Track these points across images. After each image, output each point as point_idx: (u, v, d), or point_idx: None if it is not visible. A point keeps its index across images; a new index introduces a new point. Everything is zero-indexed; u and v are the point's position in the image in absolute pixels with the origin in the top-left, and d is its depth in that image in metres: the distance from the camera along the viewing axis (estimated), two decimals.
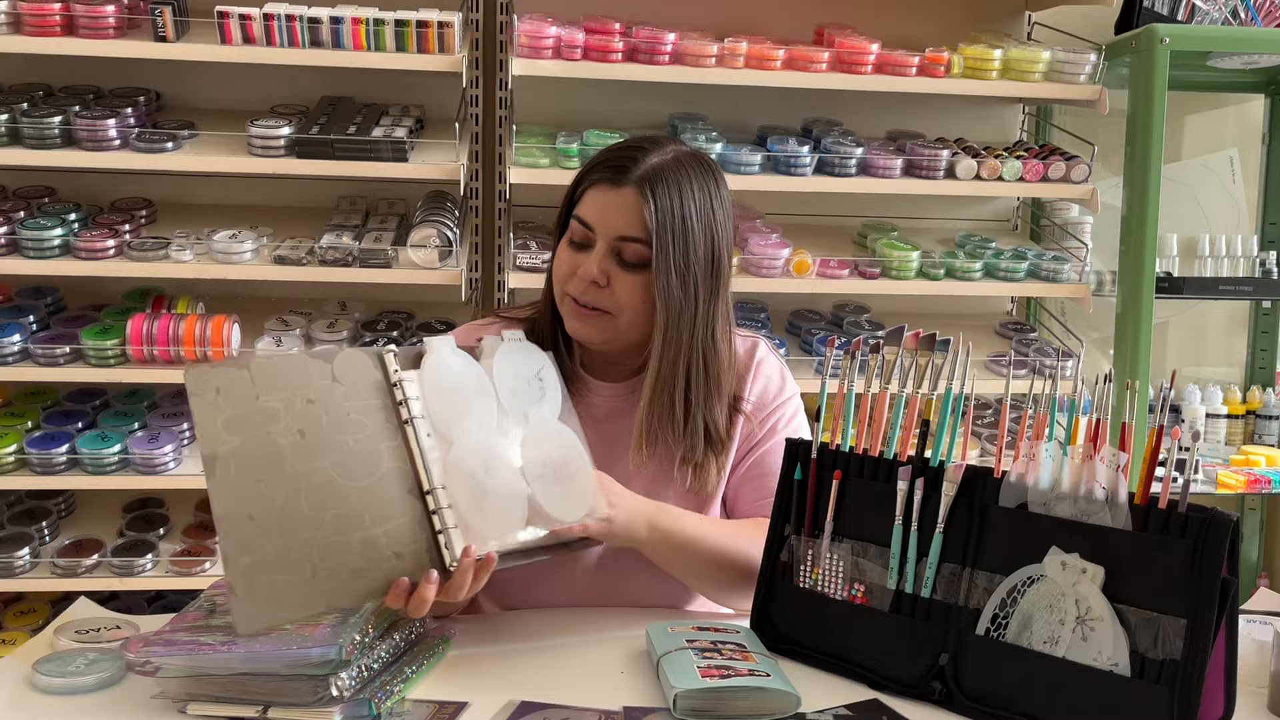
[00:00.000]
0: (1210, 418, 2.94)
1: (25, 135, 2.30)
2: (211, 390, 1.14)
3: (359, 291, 2.61)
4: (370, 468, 1.17)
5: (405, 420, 1.20)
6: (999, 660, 1.16)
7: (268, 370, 1.17)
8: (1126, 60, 2.60)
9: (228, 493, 1.12)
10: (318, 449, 1.15)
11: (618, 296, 1.36)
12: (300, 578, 1.12)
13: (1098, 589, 1.11)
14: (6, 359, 2.34)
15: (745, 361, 1.48)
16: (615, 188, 1.36)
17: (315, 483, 1.14)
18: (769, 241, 2.54)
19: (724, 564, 1.37)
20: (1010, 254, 2.67)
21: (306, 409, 1.16)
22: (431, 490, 1.18)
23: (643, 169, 1.36)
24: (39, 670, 1.18)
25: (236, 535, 1.11)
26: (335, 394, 1.18)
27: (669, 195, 1.34)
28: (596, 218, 1.37)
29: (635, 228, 1.35)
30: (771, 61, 2.46)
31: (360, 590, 1.14)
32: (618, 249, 1.36)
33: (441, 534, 1.17)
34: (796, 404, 1.51)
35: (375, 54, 2.33)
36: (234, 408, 1.14)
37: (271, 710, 1.12)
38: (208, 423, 1.13)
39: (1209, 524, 1.07)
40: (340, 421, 1.17)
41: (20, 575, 2.39)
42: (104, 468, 2.36)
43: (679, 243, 1.35)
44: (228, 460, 1.12)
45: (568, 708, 1.15)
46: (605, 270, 1.35)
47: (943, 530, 1.22)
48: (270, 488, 1.12)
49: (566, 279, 1.38)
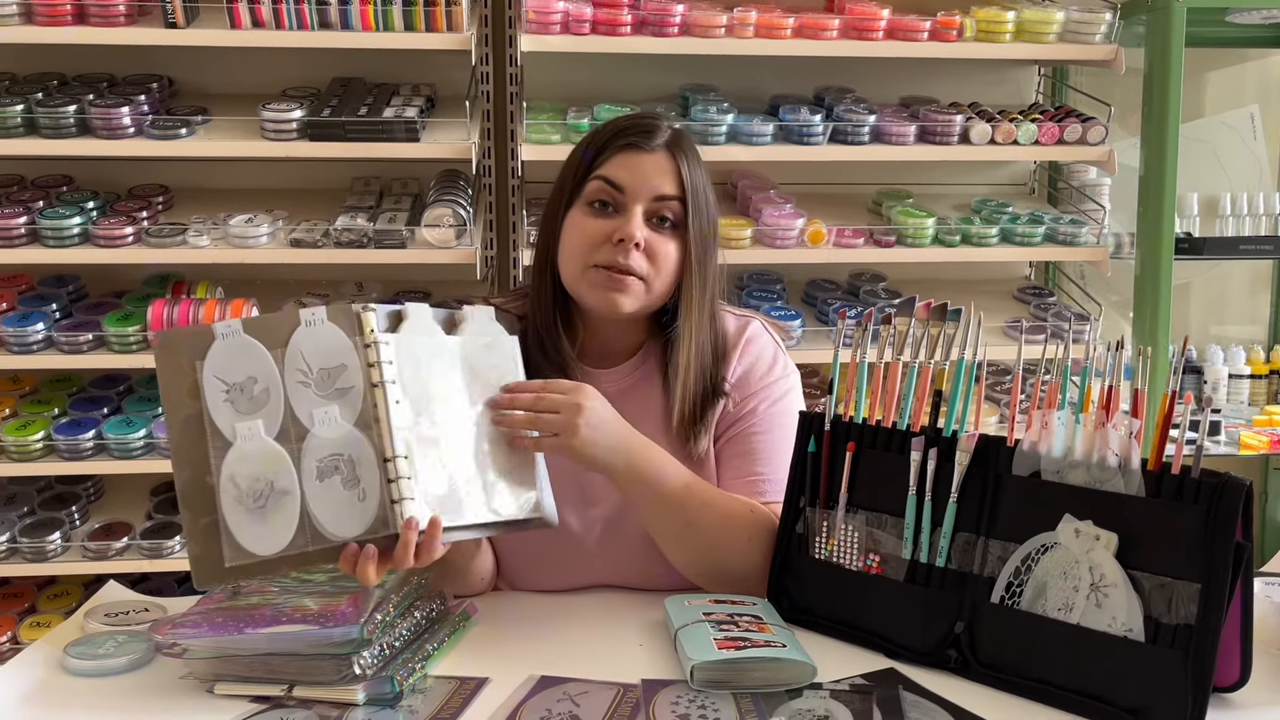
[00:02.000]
0: (1233, 378, 2.92)
1: (41, 125, 2.32)
2: (178, 355, 1.14)
3: (375, 272, 2.62)
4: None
5: (375, 383, 1.16)
6: (1014, 628, 1.17)
7: (237, 336, 1.15)
8: (1142, 18, 2.57)
9: (188, 456, 1.13)
10: (279, 415, 1.15)
11: (656, 260, 1.37)
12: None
13: (1111, 555, 1.12)
14: (31, 347, 2.37)
15: (734, 339, 1.47)
16: (647, 151, 1.39)
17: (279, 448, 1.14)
18: (783, 212, 2.53)
19: (691, 528, 1.34)
20: (1027, 218, 2.66)
21: (271, 375, 1.15)
22: (392, 458, 1.15)
23: (668, 134, 1.41)
24: (70, 653, 1.21)
25: (197, 496, 1.12)
26: (303, 357, 1.16)
27: (690, 161, 1.41)
28: (632, 178, 1.37)
29: (673, 186, 1.38)
30: (781, 30, 2.44)
31: (315, 556, 1.15)
32: (653, 210, 1.38)
33: (397, 503, 1.15)
34: (786, 388, 1.47)
35: (384, 34, 2.33)
36: (196, 373, 1.14)
37: (296, 689, 1.14)
38: (172, 387, 1.14)
39: (1222, 489, 1.07)
40: (302, 386, 1.16)
41: (52, 559, 2.44)
42: (130, 452, 2.40)
43: (704, 204, 1.41)
44: (188, 424, 1.13)
45: (586, 681, 1.17)
46: (643, 233, 1.37)
47: (956, 500, 1.22)
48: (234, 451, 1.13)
49: (595, 247, 1.37)
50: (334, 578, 1.29)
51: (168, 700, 1.15)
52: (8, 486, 2.57)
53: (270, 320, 1.17)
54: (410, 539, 1.14)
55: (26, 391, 2.55)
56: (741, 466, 1.43)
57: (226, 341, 1.15)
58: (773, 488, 1.41)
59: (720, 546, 1.34)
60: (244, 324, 1.15)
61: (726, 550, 1.35)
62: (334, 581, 1.28)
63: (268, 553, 1.12)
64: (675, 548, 1.36)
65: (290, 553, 1.13)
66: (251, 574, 1.14)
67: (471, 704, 1.13)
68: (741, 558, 1.35)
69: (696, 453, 1.43)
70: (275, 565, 1.13)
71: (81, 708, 1.14)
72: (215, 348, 1.15)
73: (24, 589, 2.61)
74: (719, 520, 1.34)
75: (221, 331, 1.15)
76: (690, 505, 1.33)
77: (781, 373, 1.48)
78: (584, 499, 1.42)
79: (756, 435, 1.43)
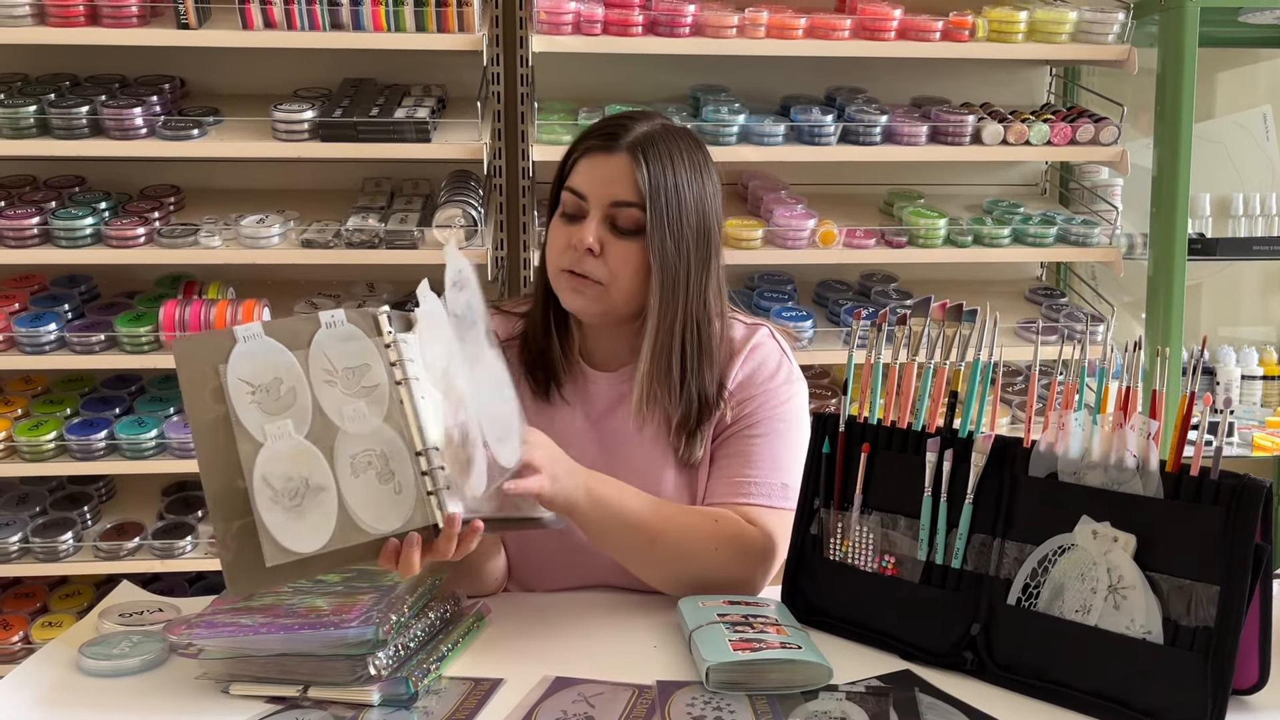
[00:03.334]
0: (1246, 379, 2.90)
1: (53, 126, 2.33)
2: (199, 360, 1.13)
3: (386, 273, 2.62)
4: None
5: (399, 381, 1.17)
6: (1031, 630, 1.16)
7: (259, 339, 1.15)
8: (1155, 18, 2.56)
9: (216, 461, 1.11)
10: (308, 414, 1.14)
11: (611, 265, 1.35)
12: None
13: (1129, 557, 1.11)
14: (43, 347, 2.37)
15: (739, 345, 1.46)
16: (607, 155, 1.36)
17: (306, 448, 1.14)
18: (794, 212, 2.53)
19: (657, 544, 1.33)
20: (1039, 219, 2.65)
21: (297, 375, 1.15)
22: (424, 451, 1.16)
23: (633, 135, 1.37)
24: (85, 653, 1.21)
25: (228, 502, 1.11)
26: (327, 358, 1.16)
27: (660, 161, 1.36)
28: (588, 185, 1.37)
29: (629, 192, 1.35)
30: (793, 30, 2.44)
31: (356, 552, 1.14)
32: (611, 215, 1.36)
33: (433, 494, 1.15)
34: (788, 395, 1.45)
35: (396, 34, 2.33)
36: (220, 377, 1.13)
37: (311, 689, 1.14)
38: (195, 392, 1.13)
39: (1241, 491, 1.07)
40: (327, 386, 1.16)
41: (64, 559, 2.44)
42: (142, 452, 2.40)
43: (672, 207, 1.35)
44: (214, 428, 1.12)
45: (601, 682, 1.17)
46: (600, 238, 1.35)
47: (972, 501, 1.22)
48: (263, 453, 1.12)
49: (561, 253, 1.37)
50: (347, 579, 1.29)
51: (182, 700, 1.15)
52: (20, 486, 2.57)
53: (290, 323, 1.17)
54: (453, 532, 1.14)
55: (39, 392, 2.55)
56: (730, 467, 1.42)
57: (248, 345, 1.15)
58: (758, 490, 1.39)
59: (687, 559, 1.34)
60: (264, 327, 1.16)
61: (695, 562, 1.34)
62: (347, 583, 1.28)
63: (308, 550, 1.12)
64: (644, 567, 1.35)
65: (331, 548, 1.12)
66: (292, 573, 1.13)
67: (486, 705, 1.13)
68: (713, 568, 1.34)
69: (691, 460, 1.42)
70: (316, 563, 1.13)
71: (96, 708, 1.15)
72: (237, 351, 1.14)
73: (36, 589, 2.61)
74: (681, 534, 1.33)
75: (242, 335, 1.15)
76: (651, 525, 1.32)
77: (785, 380, 1.46)
78: None
79: (752, 438, 1.42)
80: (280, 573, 1.11)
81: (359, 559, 1.15)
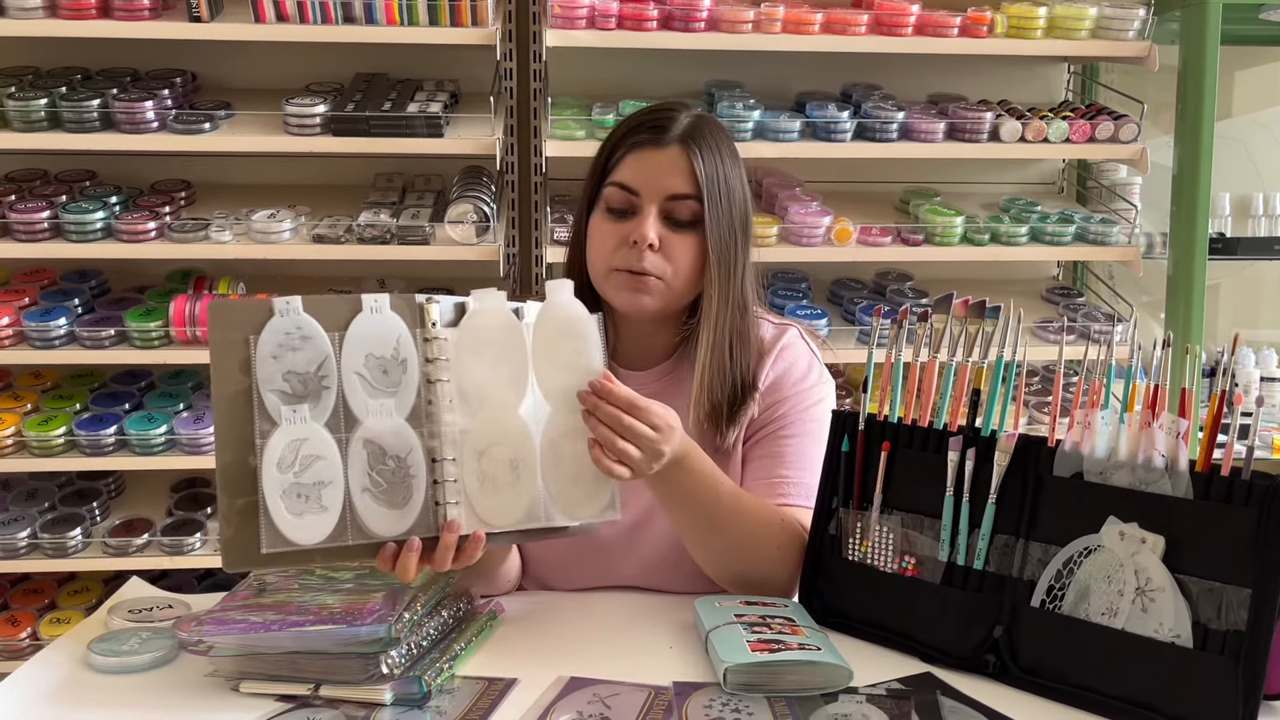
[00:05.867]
0: (1265, 381, 2.87)
1: (64, 119, 2.32)
2: (232, 328, 1.09)
3: (397, 269, 2.61)
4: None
5: (431, 381, 1.14)
6: (1055, 632, 1.14)
7: (296, 314, 1.11)
8: (1176, 14, 2.53)
9: (233, 436, 1.09)
10: (331, 402, 1.11)
11: (673, 259, 1.34)
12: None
13: (1158, 559, 1.09)
14: (53, 342, 2.36)
15: (770, 344, 1.45)
16: (659, 148, 1.35)
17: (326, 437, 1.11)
18: (809, 210, 2.51)
19: (726, 530, 1.31)
20: (1057, 217, 2.62)
21: (328, 359, 1.11)
22: (441, 460, 1.14)
23: (682, 128, 1.36)
24: (94, 650, 1.20)
25: (237, 477, 1.09)
26: (362, 345, 1.13)
27: (711, 151, 1.36)
28: (641, 180, 1.35)
29: (686, 184, 1.34)
30: (809, 25, 2.42)
31: (354, 551, 1.12)
32: (668, 209, 1.34)
33: (441, 505, 1.14)
34: (819, 396, 1.44)
35: (408, 29, 2.31)
36: (251, 348, 1.09)
37: (323, 688, 1.12)
38: (223, 361, 1.09)
39: (1274, 491, 1.04)
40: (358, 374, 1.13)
41: (73, 555, 2.43)
42: (151, 449, 2.39)
43: (724, 197, 1.36)
44: (235, 400, 1.09)
45: (617, 683, 1.15)
46: (659, 233, 1.34)
47: (995, 501, 1.19)
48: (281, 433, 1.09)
49: (613, 251, 1.35)
50: (359, 576, 1.27)
51: (192, 698, 1.13)
52: (29, 482, 2.56)
53: (331, 301, 1.13)
54: (451, 543, 1.13)
55: (48, 387, 2.54)
56: (767, 468, 1.41)
57: (284, 319, 1.11)
58: (796, 491, 1.38)
59: (749, 553, 1.32)
60: (304, 301, 1.11)
61: (755, 557, 1.32)
62: (359, 580, 1.26)
63: (307, 542, 1.10)
64: (703, 550, 1.34)
65: (329, 545, 1.10)
66: (286, 563, 1.11)
67: (501, 705, 1.11)
68: (770, 566, 1.33)
69: (724, 446, 1.40)
70: (312, 556, 1.11)
71: (105, 705, 1.13)
72: (271, 324, 1.10)
73: (44, 585, 2.60)
74: (750, 527, 1.32)
75: (280, 308, 1.11)
76: (722, 509, 1.30)
77: (816, 380, 1.45)
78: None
79: (785, 439, 1.41)
80: (275, 560, 1.09)
81: (356, 558, 1.13)
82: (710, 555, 1.34)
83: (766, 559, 1.33)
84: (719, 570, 1.35)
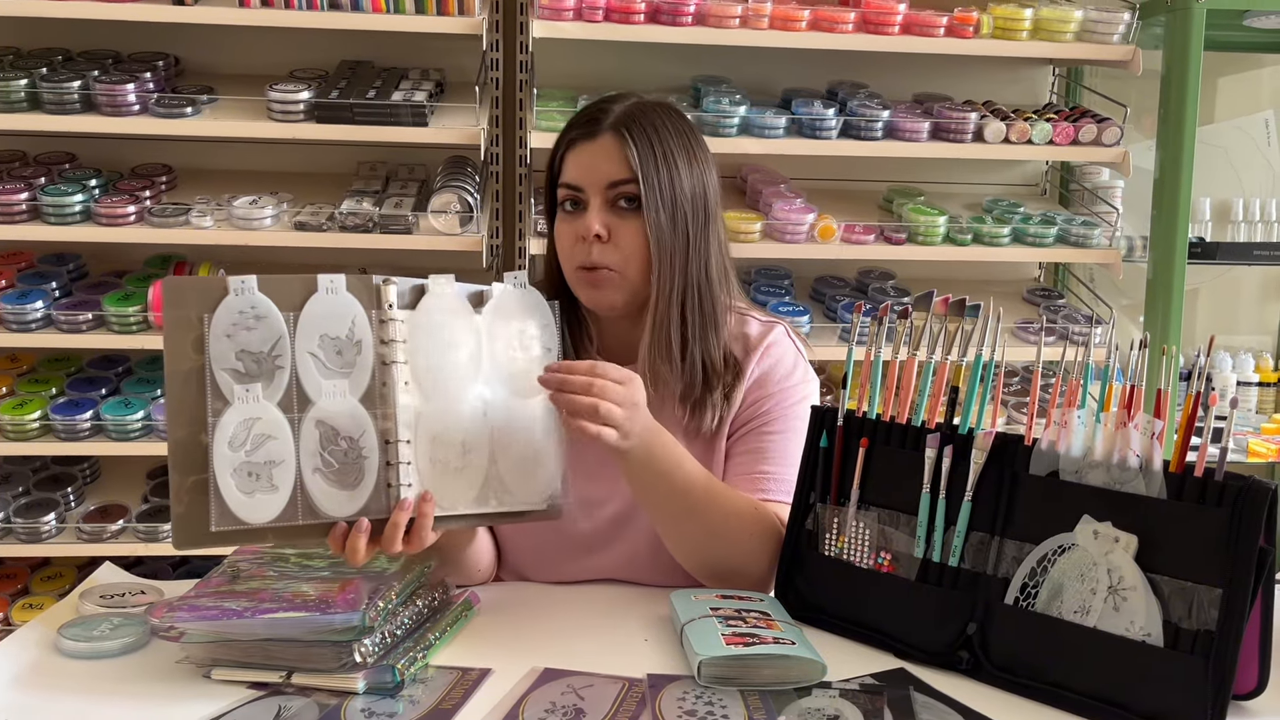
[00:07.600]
0: (1241, 385, 2.90)
1: (45, 100, 2.29)
2: (186, 306, 1.09)
3: (379, 258, 2.59)
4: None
5: (386, 363, 1.14)
6: (1028, 630, 1.15)
7: (252, 293, 1.11)
8: (1161, 20, 2.54)
9: (184, 413, 1.08)
10: (284, 382, 1.11)
11: (623, 247, 1.34)
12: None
13: (1131, 558, 1.09)
14: (30, 326, 2.34)
15: (756, 341, 1.45)
16: (592, 140, 1.35)
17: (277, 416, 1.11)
18: (793, 206, 2.51)
19: (698, 516, 1.31)
20: (1039, 219, 2.63)
21: (282, 338, 1.11)
22: (395, 441, 1.13)
23: (614, 116, 1.36)
24: (64, 634, 1.19)
25: (188, 455, 1.08)
26: (317, 325, 1.13)
27: (646, 133, 1.35)
28: (581, 175, 1.35)
29: (622, 170, 1.34)
30: (796, 22, 2.42)
31: (304, 531, 1.12)
32: (611, 198, 1.34)
33: (392, 487, 1.14)
34: (804, 394, 1.44)
35: (394, 16, 2.30)
36: (205, 326, 1.09)
37: (295, 676, 1.11)
38: (176, 338, 1.09)
39: (1246, 492, 1.05)
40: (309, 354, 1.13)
41: (47, 540, 2.42)
42: (128, 434, 2.37)
43: (664, 176, 1.34)
44: (189, 378, 1.09)
45: (591, 675, 1.15)
46: (605, 223, 1.33)
47: (971, 498, 1.20)
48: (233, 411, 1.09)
49: (571, 250, 1.36)
50: (334, 563, 1.27)
51: (163, 684, 1.12)
52: (3, 466, 2.54)
53: (287, 281, 1.13)
54: (400, 521, 1.13)
55: (24, 370, 2.52)
56: (748, 463, 1.41)
57: (239, 298, 1.10)
58: (777, 486, 1.38)
59: (722, 541, 1.32)
60: (260, 280, 1.11)
61: (729, 545, 1.33)
62: (334, 568, 1.26)
63: (257, 521, 1.10)
64: (677, 538, 1.34)
65: (279, 524, 1.10)
66: (236, 541, 1.11)
67: (474, 695, 1.11)
68: (744, 555, 1.33)
69: (701, 430, 1.40)
70: (262, 534, 1.11)
71: (75, 690, 1.12)
72: (226, 303, 1.10)
73: (17, 570, 2.58)
74: (723, 514, 1.32)
75: (235, 286, 1.10)
76: (696, 495, 1.30)
77: (800, 378, 1.45)
78: (591, 498, 1.40)
79: (768, 435, 1.41)
80: (225, 538, 1.09)
81: (306, 537, 1.13)
82: (683, 542, 1.34)
83: (740, 549, 1.33)
84: (692, 559, 1.35)
